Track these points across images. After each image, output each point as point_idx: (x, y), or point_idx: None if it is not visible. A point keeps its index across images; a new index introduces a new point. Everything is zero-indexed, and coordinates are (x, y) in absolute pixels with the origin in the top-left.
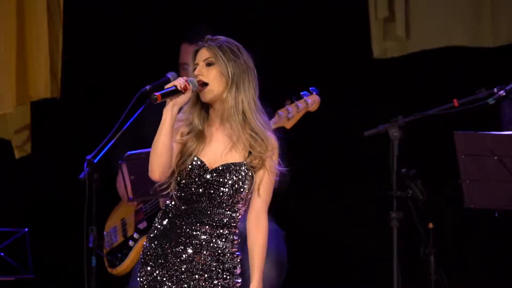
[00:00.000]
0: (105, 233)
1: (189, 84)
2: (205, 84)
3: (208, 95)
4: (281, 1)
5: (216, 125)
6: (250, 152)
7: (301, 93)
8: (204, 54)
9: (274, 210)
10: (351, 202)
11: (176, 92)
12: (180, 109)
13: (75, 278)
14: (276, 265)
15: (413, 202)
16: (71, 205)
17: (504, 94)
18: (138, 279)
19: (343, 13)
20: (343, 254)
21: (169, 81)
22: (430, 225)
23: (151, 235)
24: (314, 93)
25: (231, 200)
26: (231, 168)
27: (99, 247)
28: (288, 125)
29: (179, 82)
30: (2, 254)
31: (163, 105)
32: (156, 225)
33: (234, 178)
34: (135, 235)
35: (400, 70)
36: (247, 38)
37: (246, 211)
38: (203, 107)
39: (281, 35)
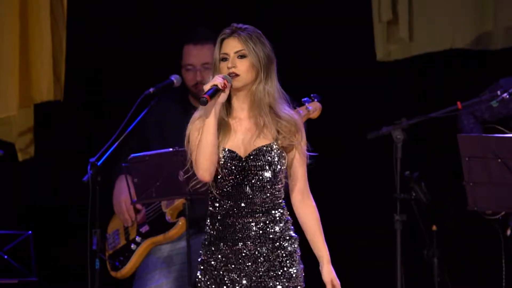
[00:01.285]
0: (107, 235)
1: (228, 82)
2: (237, 76)
3: (237, 83)
4: (283, 3)
5: (241, 116)
6: (278, 133)
7: (303, 99)
8: (235, 45)
9: None
10: (354, 204)
11: (218, 91)
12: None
13: (78, 281)
14: None
15: (416, 205)
16: (74, 207)
17: (507, 96)
18: (199, 285)
19: (347, 16)
20: (346, 256)
21: (172, 83)
22: (434, 228)
23: (206, 243)
24: (316, 100)
25: (272, 181)
26: (263, 151)
27: (102, 249)
28: None
29: (219, 81)
30: (5, 256)
31: (163, 108)
32: (208, 231)
33: (269, 159)
34: (137, 239)
35: (404, 72)
36: None
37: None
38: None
39: (283, 37)
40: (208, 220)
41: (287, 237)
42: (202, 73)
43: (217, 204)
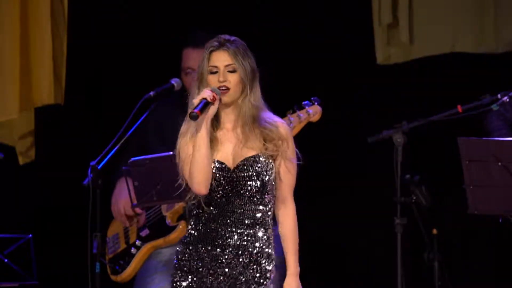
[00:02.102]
0: (107, 239)
1: (216, 94)
2: (227, 90)
3: (227, 98)
4: (284, 7)
5: (227, 127)
6: (264, 144)
7: (303, 102)
8: (225, 58)
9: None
10: (355, 208)
11: (207, 104)
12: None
13: (79, 285)
14: (280, 271)
15: (417, 208)
16: (75, 211)
17: (508, 100)
18: (173, 284)
19: (347, 19)
20: (347, 260)
21: (173, 87)
22: (434, 231)
23: (185, 241)
24: (316, 103)
25: (260, 192)
26: (251, 161)
27: (102, 253)
28: None
29: (208, 94)
30: (6, 260)
31: (163, 111)
32: (190, 231)
33: (257, 169)
34: (137, 242)
35: (404, 76)
36: (249, 44)
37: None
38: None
39: (284, 40)
40: (192, 221)
41: (265, 255)
42: None
43: (203, 211)
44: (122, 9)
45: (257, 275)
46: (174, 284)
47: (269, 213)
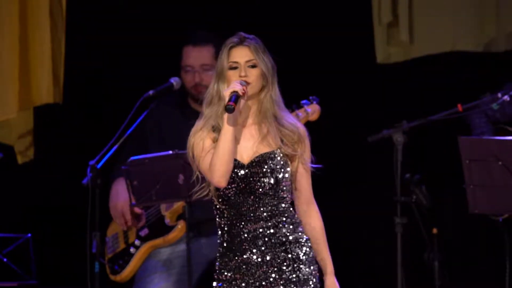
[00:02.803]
0: (106, 238)
1: (246, 88)
2: (249, 84)
3: (250, 91)
4: (283, 5)
5: (244, 123)
6: (282, 141)
7: (302, 101)
8: (245, 54)
9: None
10: (355, 207)
11: (239, 97)
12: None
13: (78, 284)
14: None
15: (417, 208)
16: (74, 210)
17: (508, 99)
18: None
19: (347, 18)
20: (347, 259)
21: (172, 86)
22: (435, 231)
23: (219, 254)
24: (315, 102)
25: (274, 189)
26: (266, 157)
27: (101, 253)
28: None
29: (239, 88)
30: (5, 259)
31: (163, 111)
32: (219, 243)
33: (272, 166)
34: (137, 242)
35: (404, 75)
36: None
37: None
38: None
39: (283, 40)
40: (219, 231)
41: (293, 241)
42: (201, 75)
43: (222, 214)
44: (120, 9)
45: (291, 263)
46: None
47: (286, 206)
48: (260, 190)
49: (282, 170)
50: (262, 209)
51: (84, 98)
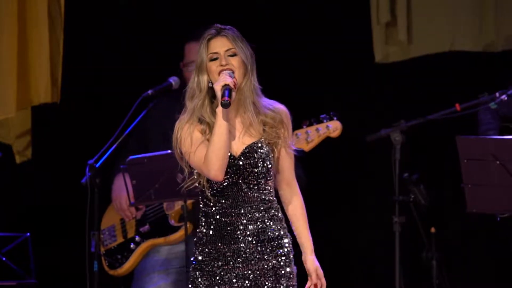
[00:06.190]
0: (102, 230)
1: (236, 80)
2: (232, 72)
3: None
4: (282, 6)
5: (229, 115)
6: (264, 130)
7: (321, 116)
8: (224, 43)
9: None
10: (353, 206)
11: (231, 91)
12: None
13: (77, 283)
14: None
15: (415, 207)
16: (72, 209)
17: (506, 98)
18: (194, 285)
19: (345, 18)
20: (345, 258)
21: (170, 85)
22: (432, 230)
23: (201, 242)
24: (335, 118)
25: (265, 177)
26: (254, 147)
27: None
28: (307, 148)
29: (230, 80)
30: (4, 258)
31: (164, 110)
32: (204, 231)
33: (262, 156)
34: (137, 238)
35: (402, 74)
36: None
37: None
38: (208, 102)
39: (281, 39)
40: (203, 220)
41: (284, 237)
42: None
43: (212, 204)
44: (119, 8)
45: (282, 258)
46: (195, 285)
47: (273, 197)
48: (253, 180)
49: (269, 158)
50: (254, 200)
51: (82, 98)
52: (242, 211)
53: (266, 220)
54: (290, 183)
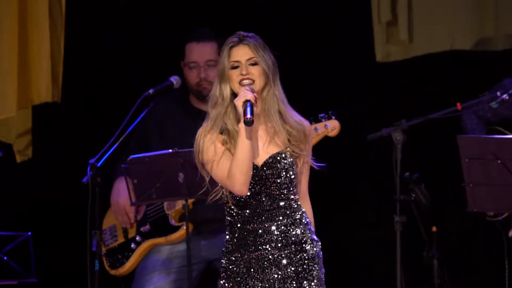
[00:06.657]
0: (103, 230)
1: (256, 95)
2: (252, 82)
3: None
4: (283, 5)
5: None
6: (289, 140)
7: (319, 115)
8: (246, 52)
9: None
10: (354, 206)
11: (253, 105)
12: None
13: (78, 282)
14: None
15: (416, 206)
16: (74, 209)
17: (507, 97)
18: None
19: (346, 17)
20: (346, 258)
21: (172, 85)
22: (434, 229)
23: (227, 250)
24: (334, 117)
25: (288, 187)
26: (278, 158)
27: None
28: None
29: (251, 96)
30: (5, 258)
31: (164, 109)
32: (228, 240)
33: (285, 166)
34: (138, 238)
35: (403, 74)
36: None
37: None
38: (231, 110)
39: (282, 39)
40: (228, 229)
41: (309, 240)
42: (206, 70)
43: (235, 213)
44: (119, 8)
45: (306, 262)
46: None
47: (298, 203)
48: (276, 190)
49: (292, 168)
50: (277, 208)
51: (83, 97)
52: (264, 218)
53: (289, 226)
54: (304, 197)
